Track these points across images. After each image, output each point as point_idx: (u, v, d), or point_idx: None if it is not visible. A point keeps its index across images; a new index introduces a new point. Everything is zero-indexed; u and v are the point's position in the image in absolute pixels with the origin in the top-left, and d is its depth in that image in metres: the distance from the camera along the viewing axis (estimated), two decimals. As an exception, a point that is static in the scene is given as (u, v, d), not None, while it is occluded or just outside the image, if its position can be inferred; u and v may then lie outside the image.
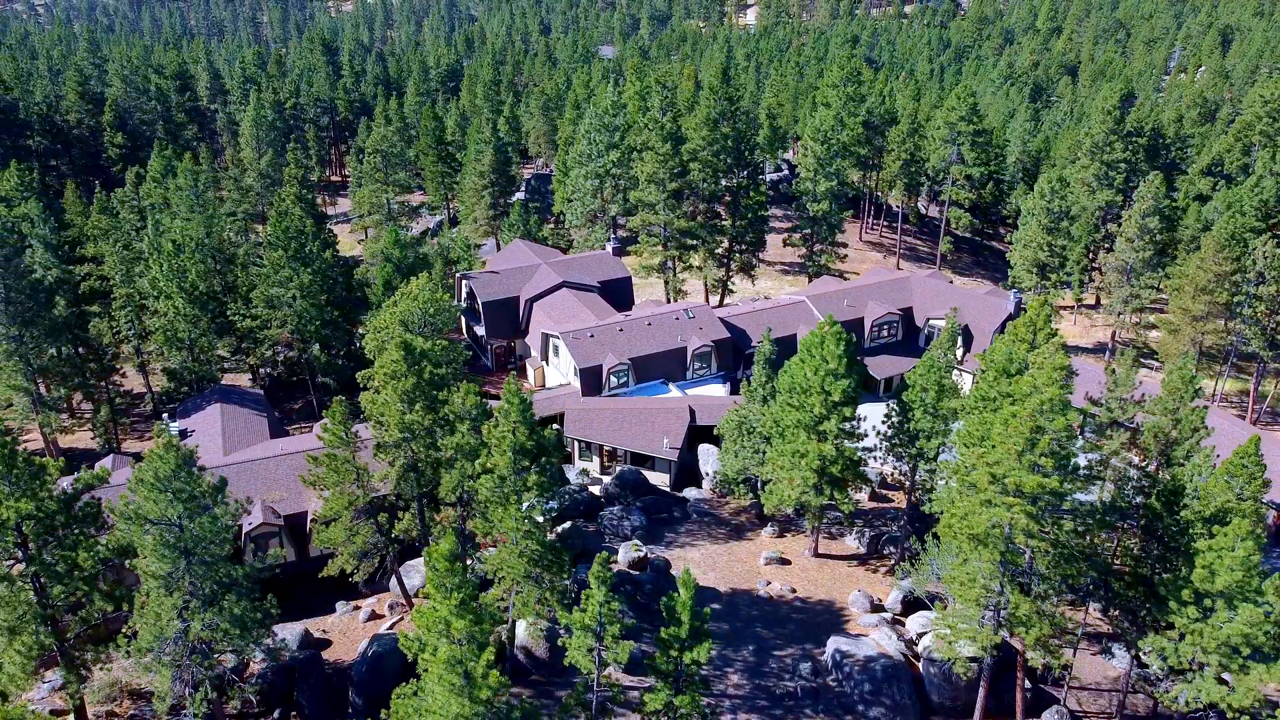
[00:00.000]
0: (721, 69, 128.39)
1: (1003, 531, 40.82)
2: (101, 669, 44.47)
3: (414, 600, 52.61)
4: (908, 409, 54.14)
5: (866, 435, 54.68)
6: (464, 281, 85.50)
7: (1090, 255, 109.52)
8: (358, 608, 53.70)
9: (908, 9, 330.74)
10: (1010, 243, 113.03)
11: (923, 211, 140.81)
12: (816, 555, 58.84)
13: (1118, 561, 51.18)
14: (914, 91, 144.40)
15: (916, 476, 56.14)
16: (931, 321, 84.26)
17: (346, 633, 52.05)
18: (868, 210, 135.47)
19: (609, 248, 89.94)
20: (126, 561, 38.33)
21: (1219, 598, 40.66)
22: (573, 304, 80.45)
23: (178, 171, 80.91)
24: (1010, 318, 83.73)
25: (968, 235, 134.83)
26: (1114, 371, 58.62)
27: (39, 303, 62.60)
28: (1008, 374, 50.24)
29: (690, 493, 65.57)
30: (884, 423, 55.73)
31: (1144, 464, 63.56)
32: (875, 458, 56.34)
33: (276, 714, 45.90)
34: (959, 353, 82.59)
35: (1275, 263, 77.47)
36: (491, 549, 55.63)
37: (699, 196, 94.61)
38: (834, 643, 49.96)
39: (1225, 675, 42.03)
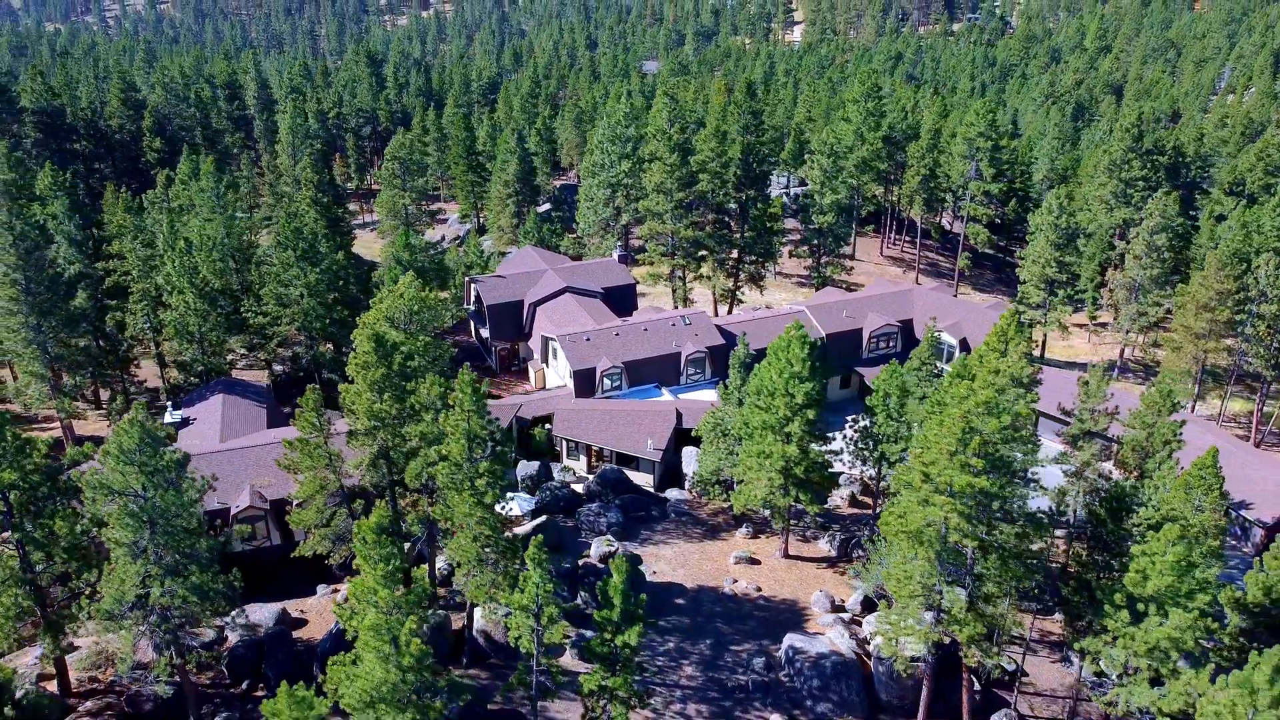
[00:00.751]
0: (747, 84, 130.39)
1: (938, 530, 41.76)
2: (89, 638, 47.26)
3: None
4: (872, 414, 55.15)
5: (835, 439, 55.80)
6: (472, 285, 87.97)
7: (1103, 273, 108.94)
8: (336, 590, 55.98)
9: (955, 27, 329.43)
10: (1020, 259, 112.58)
11: (946, 227, 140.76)
12: (787, 556, 59.87)
13: (1072, 567, 51.66)
14: (940, 107, 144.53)
15: (883, 481, 57.04)
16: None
17: (323, 613, 54.27)
18: (890, 225, 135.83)
19: (615, 255, 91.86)
20: (102, 532, 40.76)
21: (1151, 602, 41.12)
22: (574, 309, 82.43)
23: (200, 174, 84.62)
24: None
25: (989, 251, 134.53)
26: (1086, 383, 59.16)
27: (58, 294, 66.17)
28: (963, 379, 51.07)
29: (672, 493, 66.97)
30: (850, 427, 56.77)
31: (1124, 475, 63.97)
32: (842, 461, 57.36)
33: (245, 685, 48.22)
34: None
35: (1276, 281, 76.90)
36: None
37: (708, 207, 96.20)
38: (789, 640, 51.01)
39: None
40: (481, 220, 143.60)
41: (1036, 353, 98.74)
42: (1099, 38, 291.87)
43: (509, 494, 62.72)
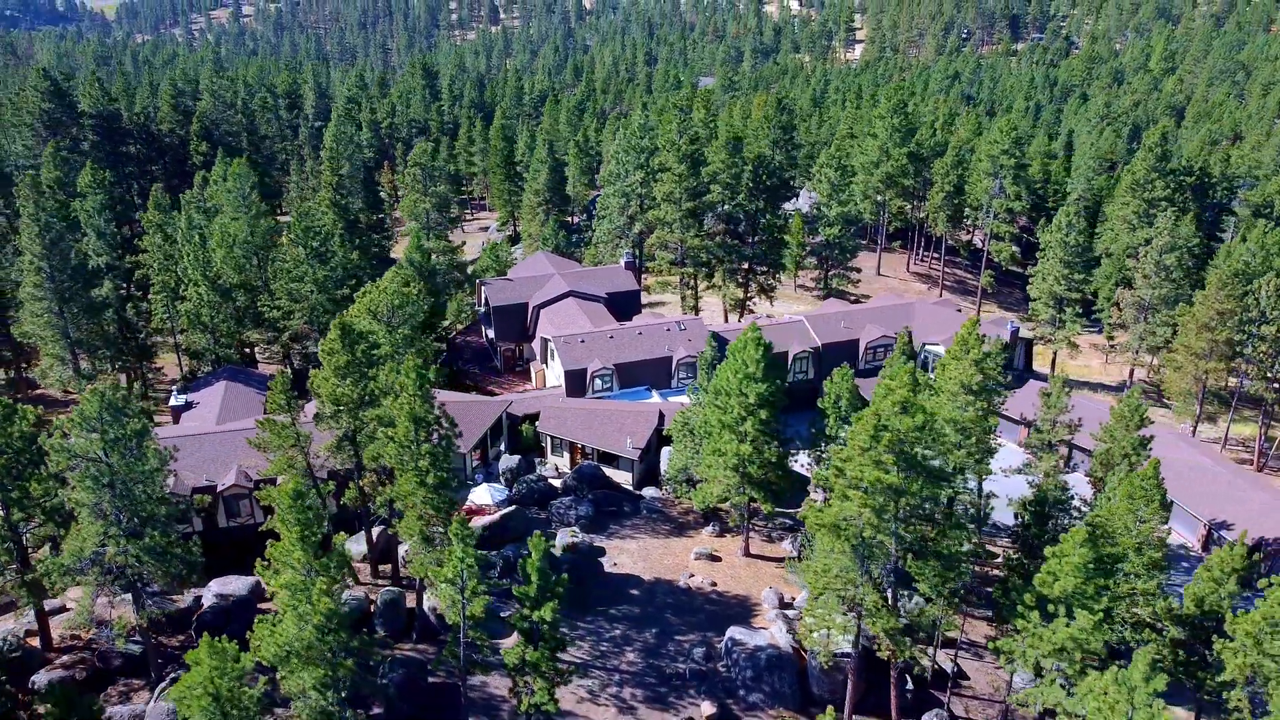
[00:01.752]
0: (778, 99, 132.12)
1: (854, 525, 43.00)
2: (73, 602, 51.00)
3: (351, 566, 57.42)
4: (824, 416, 56.41)
5: (793, 441, 57.19)
6: (482, 288, 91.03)
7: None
8: (311, 567, 58.86)
9: (1018, 47, 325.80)
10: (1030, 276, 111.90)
11: (977, 245, 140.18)
12: (747, 555, 61.23)
13: (1002, 571, 52.22)
14: (974, 125, 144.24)
15: (839, 483, 58.11)
16: (928, 347, 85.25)
17: (295, 588, 57.18)
18: (918, 242, 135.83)
19: (622, 262, 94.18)
20: (65, 493, 44.19)
21: (1060, 603, 41.82)
22: (575, 312, 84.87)
23: (227, 175, 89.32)
24: (1004, 346, 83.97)
25: (1016, 269, 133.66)
26: (1047, 395, 59.69)
27: (80, 283, 70.77)
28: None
29: (648, 491, 68.75)
30: (809, 429, 58.08)
31: (1093, 487, 64.16)
32: (795, 461, 58.64)
33: (210, 648, 51.25)
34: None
35: (1276, 302, 75.99)
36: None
37: (718, 218, 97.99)
38: (731, 632, 52.46)
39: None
40: (518, 228, 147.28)
41: (1045, 370, 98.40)
42: (1165, 59, 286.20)
43: (484, 484, 65.41)
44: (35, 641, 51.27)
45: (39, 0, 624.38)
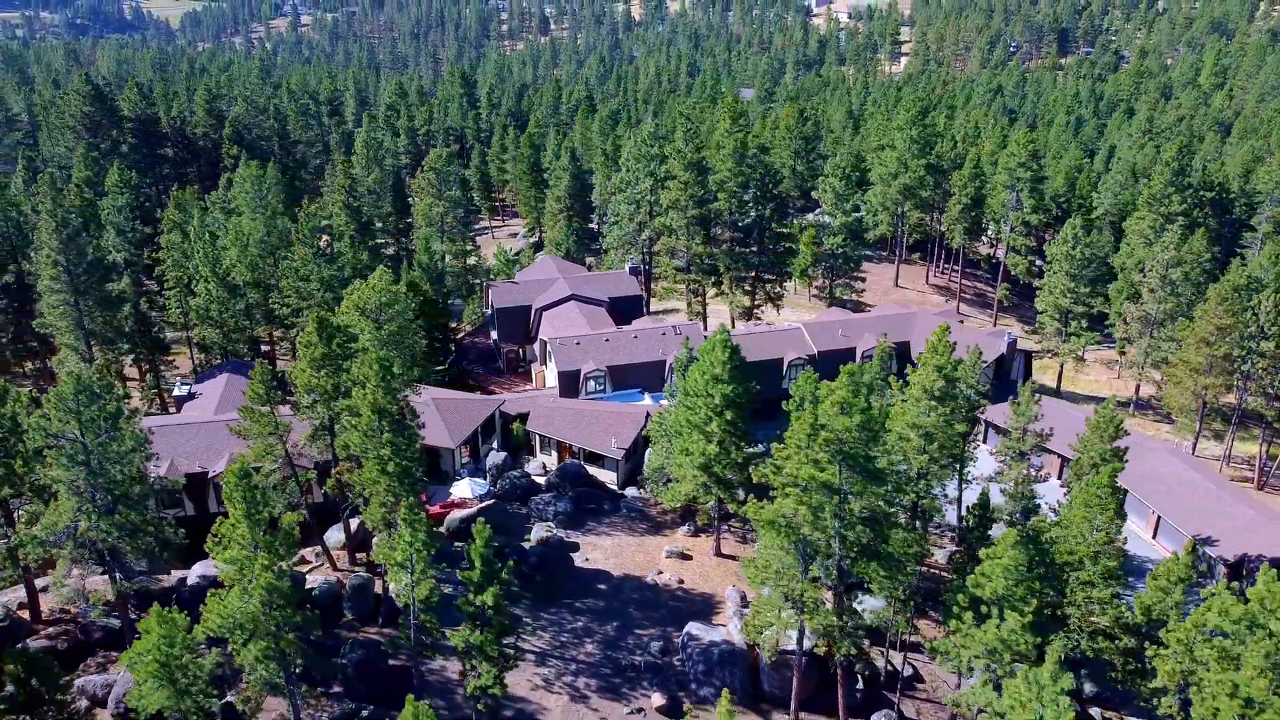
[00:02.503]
0: (799, 110, 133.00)
1: (793, 524, 43.89)
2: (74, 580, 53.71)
3: (330, 554, 59.54)
4: (788, 418, 57.19)
5: (760, 443, 58.09)
6: (489, 290, 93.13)
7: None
8: (294, 552, 61.00)
9: (1065, 61, 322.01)
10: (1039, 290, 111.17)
11: (999, 258, 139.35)
12: (719, 554, 62.18)
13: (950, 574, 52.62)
14: (999, 138, 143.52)
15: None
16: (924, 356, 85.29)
17: (276, 572, 59.41)
18: (938, 254, 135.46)
19: (627, 267, 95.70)
20: (39, 469, 46.70)
21: (993, 604, 42.31)
22: (575, 315, 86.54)
23: (245, 177, 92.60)
24: (1001, 357, 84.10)
25: (1035, 283, 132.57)
26: (1016, 403, 60.01)
27: (95, 276, 74.06)
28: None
29: (630, 490, 70.08)
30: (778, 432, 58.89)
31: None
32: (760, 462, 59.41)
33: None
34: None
35: (1276, 318, 75.14)
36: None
37: (725, 225, 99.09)
38: (688, 627, 53.51)
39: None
40: (544, 234, 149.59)
41: (1052, 384, 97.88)
42: (1215, 74, 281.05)
43: (467, 479, 67.19)
44: (26, 614, 54.00)
45: (108, 9, 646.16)
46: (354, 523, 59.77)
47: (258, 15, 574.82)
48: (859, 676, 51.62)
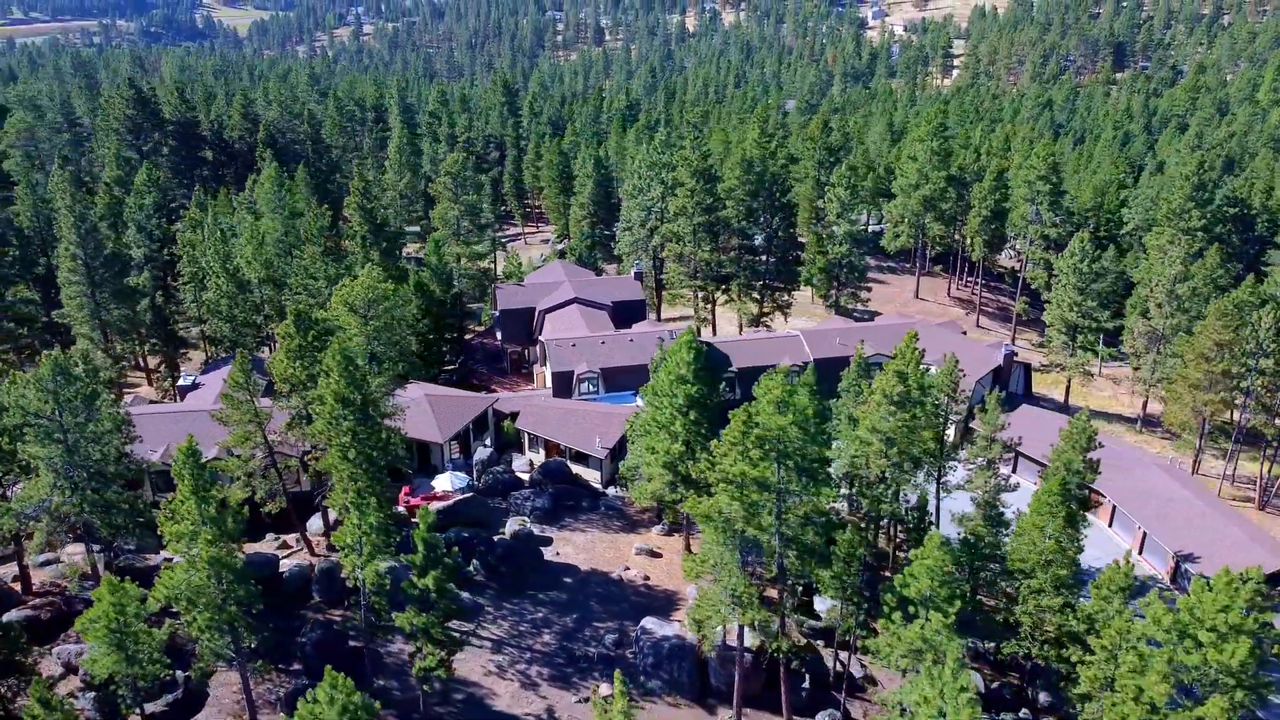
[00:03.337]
0: (823, 121, 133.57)
1: (727, 519, 44.80)
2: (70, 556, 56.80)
3: (309, 539, 61.69)
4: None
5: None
6: (496, 292, 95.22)
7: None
8: (277, 538, 63.41)
9: (1119, 76, 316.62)
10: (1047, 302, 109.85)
11: (1019, 271, 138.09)
12: (689, 552, 63.02)
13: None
14: (1027, 151, 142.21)
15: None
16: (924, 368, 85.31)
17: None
18: (960, 267, 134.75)
19: (632, 272, 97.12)
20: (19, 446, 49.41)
21: (921, 604, 42.81)
22: (576, 318, 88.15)
23: (267, 178, 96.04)
24: (998, 370, 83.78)
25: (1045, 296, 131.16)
26: (983, 411, 60.15)
27: (112, 270, 77.53)
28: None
29: (612, 489, 71.33)
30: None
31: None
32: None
33: (166, 601, 56.10)
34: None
35: (1273, 334, 73.95)
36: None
37: (733, 233, 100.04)
38: (644, 622, 54.59)
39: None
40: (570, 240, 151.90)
41: (1060, 399, 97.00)
42: (1274, 90, 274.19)
43: (448, 472, 69.01)
44: (17, 586, 56.93)
45: (181, 19, 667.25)
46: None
47: (322, 25, 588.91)
48: (806, 675, 52.17)
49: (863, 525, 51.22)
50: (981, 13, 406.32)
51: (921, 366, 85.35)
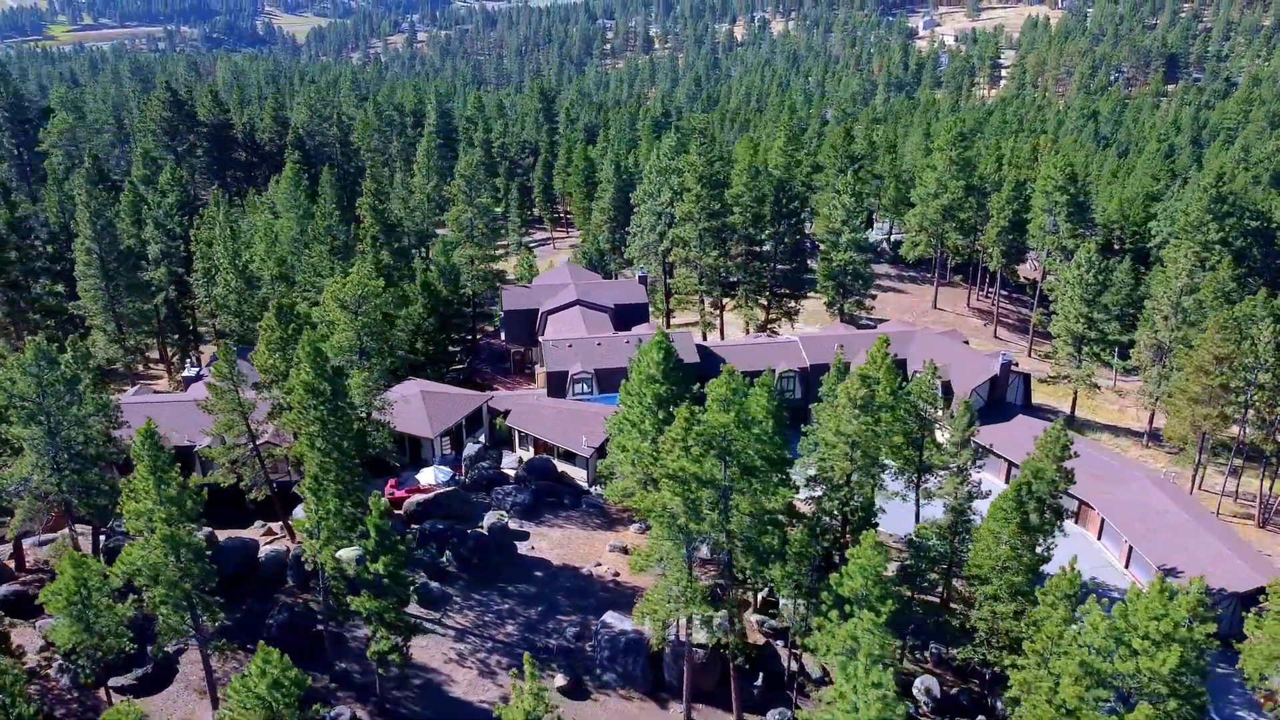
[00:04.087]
0: (846, 130, 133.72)
1: (670, 514, 45.58)
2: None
3: (290, 526, 63.53)
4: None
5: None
6: (501, 293, 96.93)
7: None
8: (264, 525, 65.42)
9: (1170, 88, 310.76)
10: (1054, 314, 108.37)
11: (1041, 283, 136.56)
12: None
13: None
14: (1052, 161, 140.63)
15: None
16: (917, 375, 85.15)
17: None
18: (981, 278, 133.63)
19: (636, 276, 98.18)
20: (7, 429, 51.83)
21: (855, 603, 43.16)
22: (577, 320, 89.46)
23: (285, 178, 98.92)
24: (994, 379, 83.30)
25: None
26: (952, 416, 60.24)
27: (125, 264, 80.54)
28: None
29: (595, 488, 72.34)
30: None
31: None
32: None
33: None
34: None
35: (1272, 348, 72.72)
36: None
37: (740, 239, 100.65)
38: (605, 616, 55.45)
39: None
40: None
41: (1067, 411, 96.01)
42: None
43: (432, 466, 70.61)
44: (11, 564, 59.54)
45: (242, 25, 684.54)
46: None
47: (377, 32, 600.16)
48: (760, 673, 52.65)
49: (815, 525, 51.51)
50: (1034, 23, 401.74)
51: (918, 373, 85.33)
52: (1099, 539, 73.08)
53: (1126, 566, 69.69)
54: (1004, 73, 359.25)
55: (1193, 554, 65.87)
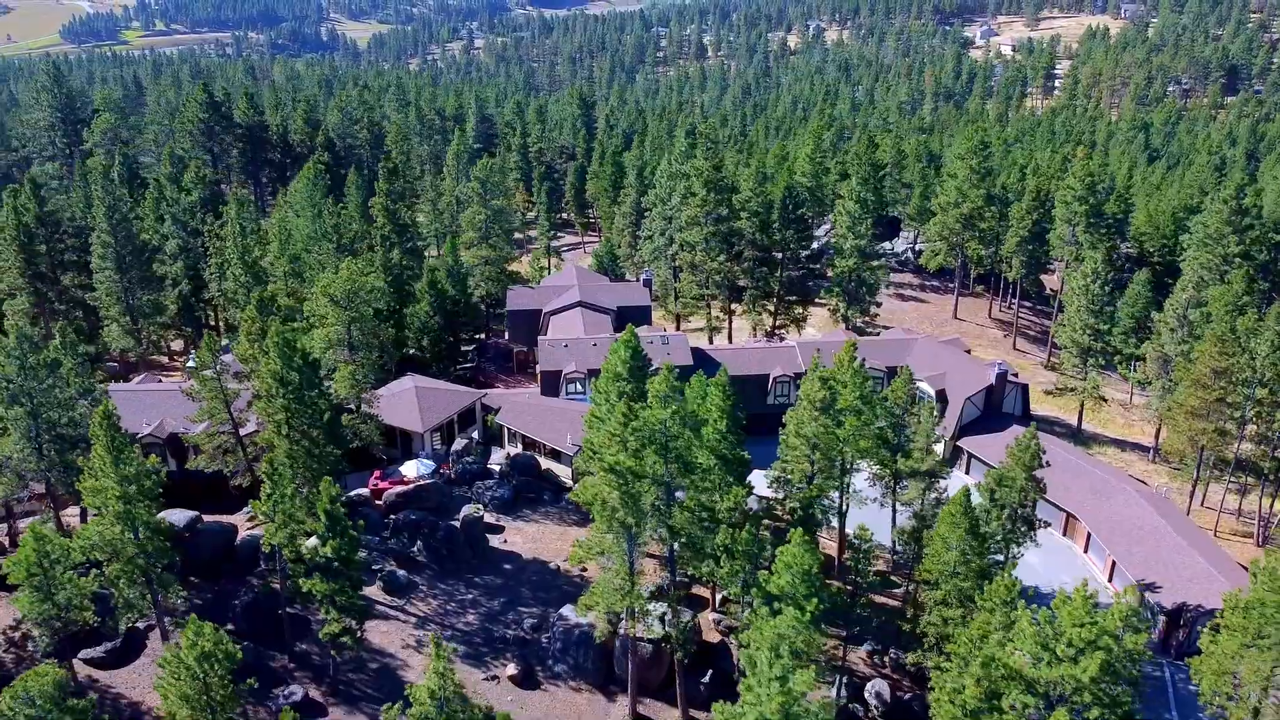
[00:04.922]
0: (869, 138, 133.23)
1: (609, 505, 46.39)
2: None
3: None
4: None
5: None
6: (506, 294, 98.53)
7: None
8: (250, 510, 67.41)
9: (1229, 100, 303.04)
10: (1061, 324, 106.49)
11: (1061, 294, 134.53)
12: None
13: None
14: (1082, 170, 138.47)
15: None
16: (915, 382, 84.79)
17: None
18: (1003, 288, 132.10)
19: (641, 280, 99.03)
20: None
21: (783, 601, 43.53)
22: (577, 321, 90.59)
23: (299, 178, 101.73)
24: (989, 388, 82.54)
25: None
26: (919, 419, 60.24)
27: (139, 259, 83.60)
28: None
29: (577, 485, 73.23)
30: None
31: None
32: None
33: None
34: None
35: (1270, 362, 71.21)
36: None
37: (747, 244, 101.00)
38: (563, 609, 56.36)
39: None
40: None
41: (1073, 423, 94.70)
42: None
43: (415, 460, 72.16)
44: (7, 542, 62.30)
45: (307, 31, 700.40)
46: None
47: (436, 39, 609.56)
48: (709, 669, 53.09)
49: (757, 524, 51.86)
50: (1092, 32, 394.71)
51: (920, 385, 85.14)
52: (1085, 552, 72.20)
53: (1110, 580, 68.76)
54: (1058, 84, 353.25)
55: (1174, 570, 64.81)
